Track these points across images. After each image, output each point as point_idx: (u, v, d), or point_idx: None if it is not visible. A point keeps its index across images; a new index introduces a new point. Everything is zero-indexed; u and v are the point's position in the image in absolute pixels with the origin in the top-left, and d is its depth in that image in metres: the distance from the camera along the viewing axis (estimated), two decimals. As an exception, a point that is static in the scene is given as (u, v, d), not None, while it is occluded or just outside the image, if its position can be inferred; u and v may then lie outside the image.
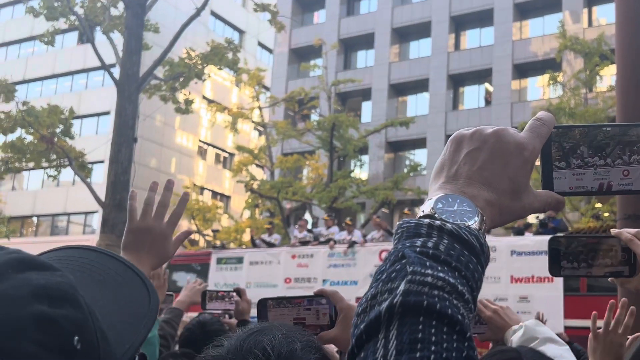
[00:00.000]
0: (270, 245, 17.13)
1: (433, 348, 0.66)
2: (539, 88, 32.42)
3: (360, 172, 33.12)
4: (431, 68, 34.16)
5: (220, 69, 20.31)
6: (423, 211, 0.82)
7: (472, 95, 34.53)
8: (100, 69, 21.04)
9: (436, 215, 0.80)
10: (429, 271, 0.71)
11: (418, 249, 0.74)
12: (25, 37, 40.53)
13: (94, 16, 18.34)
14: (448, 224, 0.77)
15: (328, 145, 26.67)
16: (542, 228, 15.73)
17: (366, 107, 35.66)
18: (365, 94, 35.54)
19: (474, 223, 0.79)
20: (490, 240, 11.72)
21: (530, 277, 13.13)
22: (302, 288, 15.62)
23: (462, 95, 34.96)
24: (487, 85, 33.95)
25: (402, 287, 0.70)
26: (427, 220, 0.78)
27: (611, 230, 1.69)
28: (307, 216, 27.04)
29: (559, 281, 12.62)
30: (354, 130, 27.53)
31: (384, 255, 14.73)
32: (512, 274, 13.32)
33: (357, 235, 16.11)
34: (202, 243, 29.73)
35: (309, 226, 19.19)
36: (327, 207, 25.47)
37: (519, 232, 15.76)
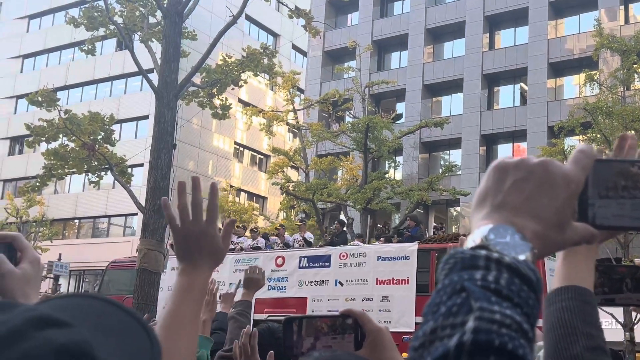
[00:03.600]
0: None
1: None
2: (575, 86, 32.07)
3: (395, 173, 33.14)
4: (465, 68, 34.03)
5: (256, 75, 20.54)
6: (474, 241, 0.78)
7: (507, 95, 34.29)
8: (139, 74, 21.48)
9: (490, 246, 0.77)
10: (496, 307, 0.69)
11: (479, 283, 0.72)
12: (66, 43, 41.49)
13: (133, 25, 18.74)
14: (506, 257, 0.74)
15: (362, 146, 26.73)
16: (400, 236, 17.06)
17: (400, 108, 35.67)
18: (399, 95, 35.56)
19: (527, 256, 0.77)
20: (362, 247, 13.43)
21: (391, 280, 14.49)
22: None
23: (497, 94, 34.75)
24: (522, 84, 33.70)
25: (471, 324, 0.68)
26: (484, 252, 0.75)
27: (635, 260, 1.79)
28: (342, 217, 27.19)
29: (413, 283, 14.21)
30: (388, 131, 27.57)
31: (279, 260, 16.01)
32: (377, 276, 14.65)
33: (260, 242, 18.09)
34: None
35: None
36: (362, 208, 25.58)
37: (389, 239, 17.05)
